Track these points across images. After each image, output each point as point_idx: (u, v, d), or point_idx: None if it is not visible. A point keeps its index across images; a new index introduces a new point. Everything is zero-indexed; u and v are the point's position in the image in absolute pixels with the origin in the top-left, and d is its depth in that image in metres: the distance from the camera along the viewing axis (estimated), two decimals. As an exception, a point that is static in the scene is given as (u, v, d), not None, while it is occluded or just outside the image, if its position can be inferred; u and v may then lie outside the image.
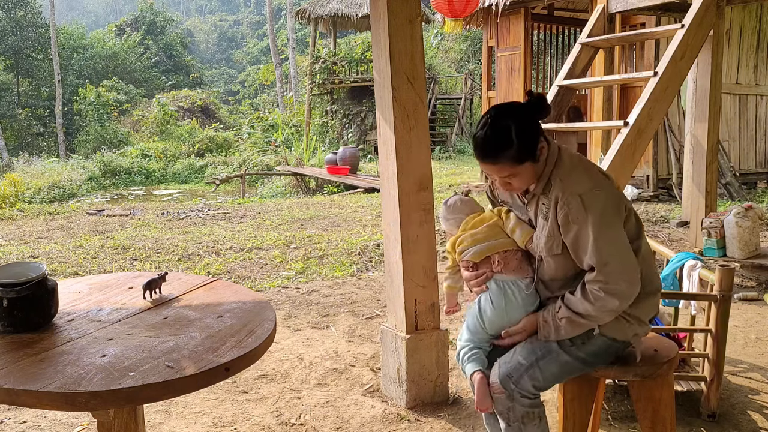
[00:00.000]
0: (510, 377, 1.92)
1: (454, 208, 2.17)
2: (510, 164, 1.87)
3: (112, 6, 74.75)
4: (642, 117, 4.74)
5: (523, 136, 1.86)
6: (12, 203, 10.86)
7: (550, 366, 1.92)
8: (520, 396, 1.92)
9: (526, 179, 1.92)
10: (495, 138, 1.86)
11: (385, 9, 2.74)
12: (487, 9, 10.50)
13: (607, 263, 1.80)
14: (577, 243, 1.84)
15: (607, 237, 1.82)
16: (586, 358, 1.94)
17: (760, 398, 2.93)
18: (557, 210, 1.86)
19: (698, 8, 5.03)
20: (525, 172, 1.90)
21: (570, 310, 1.87)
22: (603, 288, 1.81)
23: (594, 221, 1.81)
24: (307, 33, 31.19)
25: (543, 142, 1.90)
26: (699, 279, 3.09)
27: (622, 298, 1.83)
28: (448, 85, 23.81)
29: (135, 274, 2.29)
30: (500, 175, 1.92)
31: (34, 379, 1.44)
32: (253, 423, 2.77)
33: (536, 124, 1.90)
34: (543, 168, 1.92)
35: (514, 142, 1.85)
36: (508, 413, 1.94)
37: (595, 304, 1.83)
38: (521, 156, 1.86)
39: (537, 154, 1.88)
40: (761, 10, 9.79)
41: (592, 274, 1.84)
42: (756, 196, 9.25)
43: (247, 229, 7.72)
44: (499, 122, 1.88)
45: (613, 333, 1.93)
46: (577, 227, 1.83)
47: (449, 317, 4.18)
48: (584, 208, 1.82)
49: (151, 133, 25.17)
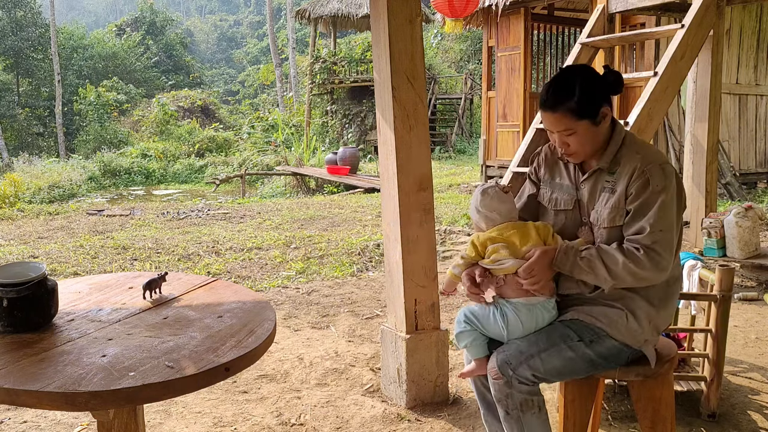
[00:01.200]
0: (509, 363, 1.91)
1: (491, 203, 2.02)
2: (569, 117, 1.90)
3: (112, 6, 74.75)
4: (642, 117, 4.75)
5: (586, 92, 1.90)
6: (12, 203, 10.86)
7: (552, 359, 1.90)
8: (518, 383, 1.90)
9: (584, 142, 1.93)
10: (559, 87, 1.92)
11: (385, 9, 2.74)
12: (487, 9, 10.50)
13: (662, 230, 1.85)
14: (643, 208, 1.87)
15: (672, 209, 1.88)
16: (593, 358, 1.92)
17: (760, 398, 2.93)
18: (632, 179, 1.89)
19: (698, 8, 5.03)
20: (583, 131, 1.91)
21: (598, 254, 1.87)
22: (646, 247, 1.83)
23: (669, 190, 1.87)
24: (307, 33, 31.20)
25: (607, 109, 1.93)
26: (699, 279, 3.10)
27: (654, 268, 1.84)
28: (448, 85, 23.82)
29: (135, 274, 2.29)
30: (558, 129, 1.94)
31: (34, 379, 1.44)
32: (253, 423, 2.77)
33: (604, 89, 1.94)
34: (607, 143, 1.97)
35: (575, 94, 1.89)
36: (506, 400, 1.93)
37: (627, 259, 1.83)
38: (581, 110, 1.89)
39: (598, 116, 1.92)
40: (761, 10, 9.79)
41: (639, 236, 1.85)
42: (756, 196, 9.25)
43: (247, 229, 7.72)
44: (566, 75, 1.96)
45: (625, 338, 1.92)
46: (649, 193, 1.86)
47: (449, 318, 4.18)
48: (665, 176, 1.87)
49: (151, 133, 25.17)
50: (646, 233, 1.84)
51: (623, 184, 1.91)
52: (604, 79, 1.95)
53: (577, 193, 2.03)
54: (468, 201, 9.76)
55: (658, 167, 1.88)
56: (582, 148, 1.96)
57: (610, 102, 1.96)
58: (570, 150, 1.97)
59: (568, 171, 2.08)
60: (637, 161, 1.91)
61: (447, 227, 7.14)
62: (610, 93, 1.95)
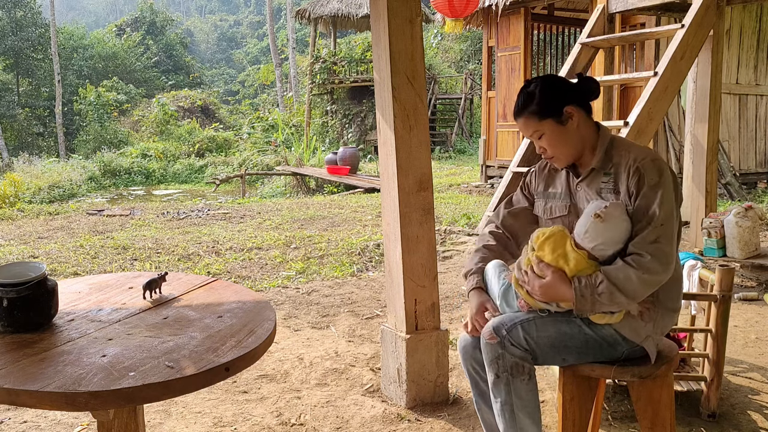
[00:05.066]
0: (503, 325, 1.94)
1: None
2: (533, 119, 1.99)
3: (112, 6, 74.75)
4: (642, 117, 4.75)
5: (545, 93, 1.98)
6: (12, 203, 10.86)
7: (547, 327, 1.93)
8: (510, 344, 1.92)
9: (555, 143, 2.00)
10: (523, 95, 2.03)
11: (385, 9, 2.74)
12: (487, 9, 10.51)
13: (663, 223, 1.86)
14: (643, 203, 1.88)
15: (670, 200, 1.89)
16: (588, 338, 1.92)
17: (760, 398, 2.93)
18: (629, 177, 1.92)
19: (698, 8, 5.03)
20: (550, 131, 1.99)
21: (612, 282, 1.84)
22: (651, 246, 1.84)
23: (665, 182, 1.89)
24: (307, 33, 31.21)
25: (572, 108, 1.97)
26: (699, 279, 3.10)
27: (664, 266, 1.84)
28: (448, 85, 23.83)
29: (135, 274, 2.29)
30: (528, 133, 2.04)
31: (34, 379, 1.44)
32: (253, 423, 2.77)
33: (567, 91, 2.00)
34: (595, 145, 2.00)
35: (535, 98, 1.98)
36: (497, 362, 1.93)
37: (639, 270, 1.83)
38: (541, 111, 1.97)
39: (562, 115, 1.97)
40: (761, 10, 9.79)
41: (642, 234, 1.86)
42: (756, 196, 9.25)
43: (247, 229, 7.72)
44: (528, 83, 2.05)
45: (625, 331, 1.92)
46: (647, 188, 1.88)
47: (449, 317, 4.18)
48: (658, 170, 1.90)
49: (151, 133, 25.18)
50: (649, 229, 1.85)
51: (624, 183, 1.93)
52: (572, 83, 2.02)
53: (571, 199, 2.07)
54: (468, 201, 9.76)
55: (650, 162, 1.91)
56: (557, 150, 2.02)
57: (581, 104, 2.01)
58: (548, 154, 2.04)
59: (561, 179, 2.12)
60: (629, 158, 1.94)
61: (447, 227, 7.14)
62: (580, 97, 2.01)
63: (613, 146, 2.00)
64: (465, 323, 2.12)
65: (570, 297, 1.88)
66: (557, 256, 1.91)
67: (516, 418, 1.95)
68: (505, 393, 1.94)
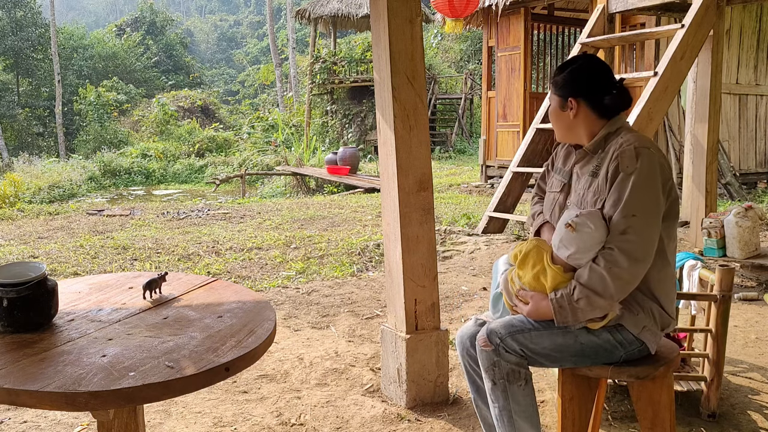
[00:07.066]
0: (497, 333, 1.93)
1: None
2: (550, 88, 2.09)
3: (112, 6, 74.73)
4: (642, 117, 4.75)
5: (568, 75, 2.02)
6: (12, 203, 10.86)
7: (542, 339, 1.91)
8: (505, 351, 1.91)
9: (553, 117, 2.08)
10: (561, 65, 2.09)
11: (385, 9, 2.74)
12: (487, 9, 10.51)
13: (636, 215, 1.81)
14: (615, 192, 1.85)
15: (646, 192, 1.83)
16: (584, 347, 1.91)
17: (760, 398, 2.93)
18: (610, 162, 1.90)
19: (698, 8, 5.03)
20: (553, 107, 2.06)
21: (586, 287, 1.82)
22: (618, 238, 1.81)
23: (641, 172, 1.83)
24: (307, 33, 31.21)
25: (575, 102, 1.99)
26: (699, 279, 3.09)
27: (633, 256, 1.79)
28: (448, 85, 23.83)
29: (135, 274, 2.29)
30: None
31: (34, 379, 1.44)
32: (253, 423, 2.77)
33: (587, 84, 2.00)
34: (592, 130, 2.01)
35: (562, 73, 2.03)
36: (493, 369, 1.93)
37: (607, 264, 1.80)
38: (555, 86, 2.05)
39: (566, 102, 2.01)
40: (761, 10, 9.80)
41: (612, 225, 1.83)
42: (756, 196, 9.25)
43: (247, 229, 7.72)
44: (577, 59, 2.09)
45: (623, 320, 1.90)
46: (621, 176, 1.84)
47: (449, 317, 4.18)
48: (636, 158, 1.85)
49: (151, 133, 25.18)
50: (618, 220, 1.83)
51: (604, 168, 1.91)
52: (601, 84, 2.00)
53: (569, 179, 2.09)
54: (468, 201, 9.76)
55: (632, 149, 1.87)
56: (553, 123, 2.10)
57: (594, 104, 1.98)
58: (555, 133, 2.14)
59: (570, 159, 2.14)
60: (618, 143, 1.92)
61: (447, 227, 7.14)
62: (597, 99, 1.98)
63: (616, 133, 1.98)
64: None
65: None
66: (537, 272, 1.93)
67: (514, 423, 1.95)
68: (502, 399, 1.94)
